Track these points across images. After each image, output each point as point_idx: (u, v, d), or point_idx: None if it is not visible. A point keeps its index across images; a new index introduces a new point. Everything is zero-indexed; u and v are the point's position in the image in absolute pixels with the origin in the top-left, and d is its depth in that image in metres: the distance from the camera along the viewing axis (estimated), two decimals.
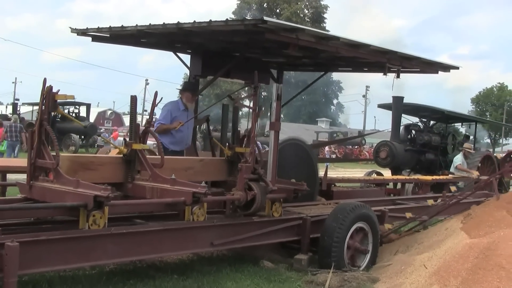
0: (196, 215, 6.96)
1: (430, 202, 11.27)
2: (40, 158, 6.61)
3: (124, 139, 7.62)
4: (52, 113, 7.45)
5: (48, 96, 6.53)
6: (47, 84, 6.54)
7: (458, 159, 17.79)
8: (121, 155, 7.47)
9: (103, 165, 7.37)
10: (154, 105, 8.03)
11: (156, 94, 8.01)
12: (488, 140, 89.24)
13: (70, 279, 6.87)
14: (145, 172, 7.41)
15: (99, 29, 8.98)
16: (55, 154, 6.51)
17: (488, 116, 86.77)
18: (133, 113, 7.65)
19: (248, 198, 7.68)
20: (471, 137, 25.07)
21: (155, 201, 7.15)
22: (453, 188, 12.62)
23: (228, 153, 8.75)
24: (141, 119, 73.67)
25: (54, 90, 6.47)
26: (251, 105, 8.08)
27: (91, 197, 5.99)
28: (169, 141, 9.82)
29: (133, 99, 7.64)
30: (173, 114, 9.88)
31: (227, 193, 7.99)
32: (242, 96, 9.17)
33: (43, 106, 6.57)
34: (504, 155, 13.32)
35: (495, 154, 24.82)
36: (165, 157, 7.64)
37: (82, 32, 9.20)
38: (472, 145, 21.52)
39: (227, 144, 8.96)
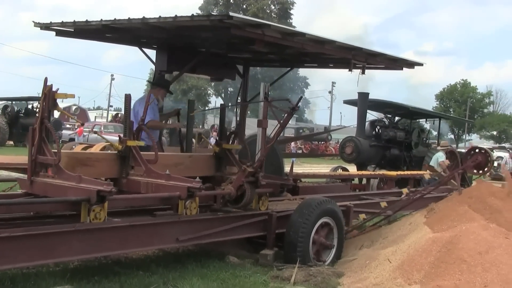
0: (189, 209, 7.24)
1: (405, 190, 11.45)
2: (40, 155, 6.83)
3: (119, 136, 7.83)
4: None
5: (49, 95, 6.79)
6: (46, 83, 6.84)
7: (441, 156, 17.91)
8: (115, 152, 7.74)
9: (99, 161, 7.63)
10: (147, 104, 8.51)
11: (149, 94, 8.74)
12: (452, 136, 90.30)
13: (34, 276, 6.79)
14: (138, 167, 7.66)
15: (63, 24, 8.87)
16: (56, 150, 6.74)
17: (451, 112, 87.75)
18: (127, 111, 7.91)
19: (238, 193, 8.05)
20: (435, 133, 25.38)
21: (152, 196, 7.40)
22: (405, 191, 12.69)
23: (216, 149, 9.01)
24: (107, 115, 73.16)
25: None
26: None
27: (94, 191, 6.24)
28: (143, 135, 9.73)
29: (127, 98, 7.91)
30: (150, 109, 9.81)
31: (218, 188, 8.35)
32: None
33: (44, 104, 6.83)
34: (466, 150, 13.55)
35: (458, 150, 25.16)
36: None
37: (46, 26, 9.06)
38: (447, 142, 21.86)
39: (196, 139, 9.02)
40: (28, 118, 36.67)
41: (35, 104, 38.99)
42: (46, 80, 6.89)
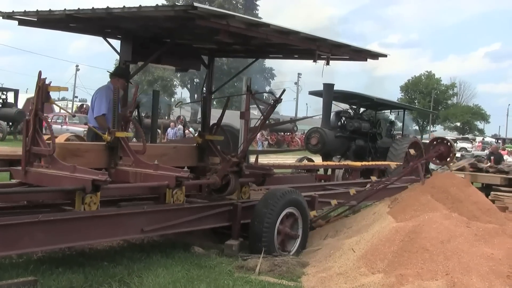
0: (176, 197, 7.54)
1: (374, 178, 11.58)
2: (35, 146, 7.11)
3: (109, 128, 8.11)
4: None
5: (42, 88, 7.10)
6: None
7: None
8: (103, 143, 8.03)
9: (88, 151, 7.97)
10: (135, 96, 8.80)
11: (137, 87, 9.05)
12: (416, 127, 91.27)
13: None
14: (126, 158, 8.01)
15: (25, 13, 8.74)
16: (50, 141, 6.99)
17: (416, 103, 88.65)
18: (115, 103, 8.17)
19: (223, 182, 8.49)
20: (400, 124, 25.61)
21: (142, 185, 7.77)
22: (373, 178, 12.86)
23: (199, 140, 9.41)
24: (72, 106, 72.35)
25: None
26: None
27: (89, 181, 6.53)
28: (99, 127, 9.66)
29: (116, 90, 8.31)
30: (110, 100, 9.73)
31: (203, 177, 8.77)
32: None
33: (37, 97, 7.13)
34: (429, 141, 13.75)
35: (422, 141, 25.45)
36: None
37: (8, 16, 8.93)
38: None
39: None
40: None
41: None
42: (40, 73, 7.17)
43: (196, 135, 10.33)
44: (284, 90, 9.70)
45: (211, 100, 11.33)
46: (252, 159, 11.38)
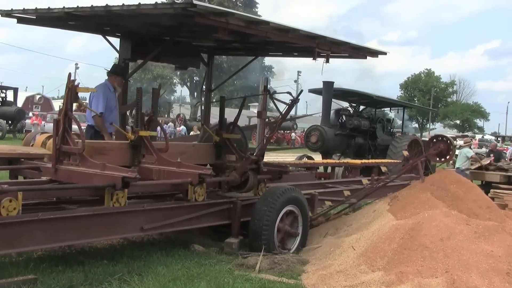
0: (197, 193, 7.82)
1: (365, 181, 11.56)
2: (64, 144, 7.32)
3: (132, 126, 8.40)
4: None
5: (72, 89, 7.29)
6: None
7: (469, 151, 18.06)
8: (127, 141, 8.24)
9: (113, 150, 8.14)
10: (158, 96, 9.06)
11: (160, 86, 9.31)
12: (416, 125, 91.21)
13: None
14: (149, 156, 8.23)
15: (24, 11, 8.74)
16: (80, 140, 7.28)
17: (416, 101, 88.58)
18: (139, 103, 8.42)
19: (242, 179, 8.77)
20: (399, 122, 25.59)
21: (166, 182, 7.96)
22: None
23: (216, 139, 9.55)
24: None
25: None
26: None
27: (119, 178, 6.75)
28: (105, 124, 9.65)
29: (139, 91, 8.52)
30: (107, 98, 9.73)
31: (222, 174, 9.01)
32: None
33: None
34: (428, 139, 13.73)
35: (422, 139, 25.45)
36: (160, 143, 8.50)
37: (7, 14, 8.93)
38: (470, 138, 22.25)
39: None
40: None
41: None
42: (70, 75, 7.49)
43: (192, 133, 10.46)
44: (301, 91, 10.05)
45: (211, 97, 11.33)
46: None
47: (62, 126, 7.32)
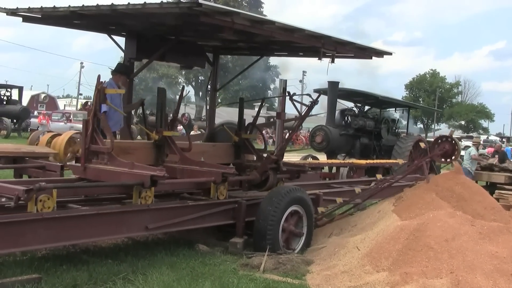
0: (220, 192, 8.13)
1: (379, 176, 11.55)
2: (93, 144, 7.62)
3: (155, 127, 8.75)
4: None
5: (101, 90, 7.54)
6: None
7: (472, 150, 18.13)
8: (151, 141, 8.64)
9: (138, 149, 8.51)
10: (181, 97, 9.58)
11: (183, 88, 9.88)
12: (421, 125, 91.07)
13: (0, 265, 6.73)
14: (172, 155, 8.63)
15: (30, 9, 8.74)
16: (109, 140, 7.55)
17: (421, 101, 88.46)
18: (162, 104, 8.77)
19: (262, 178, 9.12)
20: (404, 122, 25.53)
21: (191, 181, 8.30)
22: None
23: (236, 139, 9.95)
24: (76, 103, 72.49)
25: None
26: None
27: (148, 176, 7.00)
28: (109, 123, 9.64)
29: (161, 91, 8.91)
30: (111, 97, 9.74)
31: (242, 174, 9.34)
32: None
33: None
34: (434, 139, 13.68)
35: (427, 139, 25.39)
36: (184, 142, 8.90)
37: (12, 12, 8.94)
38: (480, 138, 22.25)
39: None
40: None
41: (3, 91, 38.36)
42: (99, 77, 7.72)
43: (192, 132, 10.59)
44: (320, 93, 10.18)
45: (216, 97, 11.33)
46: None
47: (91, 127, 7.61)
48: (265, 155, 9.80)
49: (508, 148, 31.40)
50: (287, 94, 9.69)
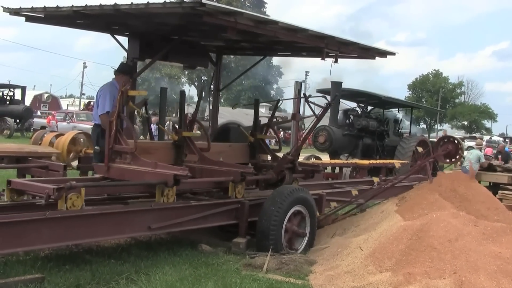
0: (237, 191, 8.36)
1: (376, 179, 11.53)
2: (117, 144, 7.82)
3: (174, 126, 9.23)
4: None
5: (125, 92, 7.80)
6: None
7: (479, 153, 17.89)
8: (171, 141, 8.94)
9: (158, 149, 8.81)
10: (200, 99, 10.22)
11: (201, 90, 9.33)
12: (424, 126, 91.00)
13: (3, 265, 6.74)
14: (191, 155, 8.96)
15: (33, 9, 8.74)
16: (133, 140, 7.86)
17: (424, 102, 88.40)
18: (182, 105, 9.18)
19: (279, 178, 9.36)
20: (407, 122, 25.48)
21: (211, 180, 8.56)
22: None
23: (251, 139, 10.21)
24: (79, 103, 72.48)
25: None
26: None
27: (171, 175, 7.23)
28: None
29: (182, 94, 9.46)
30: (114, 97, 9.74)
31: (259, 173, 9.56)
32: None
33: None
34: (437, 139, 13.64)
35: (430, 139, 25.36)
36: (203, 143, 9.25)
37: (15, 12, 8.93)
38: (483, 139, 22.19)
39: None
40: None
41: (5, 91, 38.38)
42: (124, 79, 8.21)
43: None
44: (336, 96, 10.61)
45: (219, 97, 11.33)
46: None
47: (115, 127, 7.78)
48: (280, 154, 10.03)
49: (506, 149, 31.38)
50: (302, 96, 9.86)
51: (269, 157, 10.53)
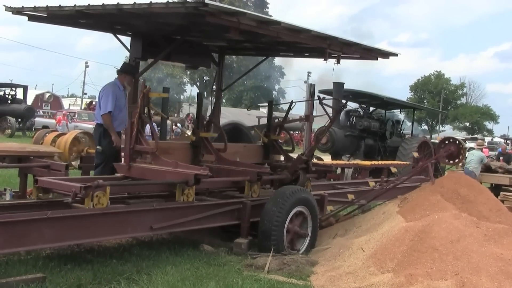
0: (253, 190, 8.63)
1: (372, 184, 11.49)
2: (138, 144, 8.11)
3: (193, 128, 9.50)
4: None
5: (146, 94, 8.03)
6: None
7: (480, 154, 17.71)
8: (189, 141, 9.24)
9: (177, 149, 9.12)
10: (217, 101, 10.47)
11: (221, 92, 10.66)
12: (426, 127, 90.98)
13: (4, 264, 6.73)
14: (207, 155, 9.28)
15: (35, 8, 8.73)
16: (154, 140, 8.22)
17: (426, 103, 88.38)
18: (199, 107, 9.56)
19: (293, 178, 9.49)
20: (409, 123, 25.46)
21: (228, 179, 8.81)
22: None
23: (265, 140, 10.50)
24: (81, 102, 72.53)
25: None
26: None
27: (192, 175, 7.44)
28: (114, 123, 9.66)
29: (200, 96, 10.05)
30: (116, 97, 9.75)
31: (274, 173, 9.68)
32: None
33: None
34: (439, 141, 13.62)
35: (432, 140, 25.34)
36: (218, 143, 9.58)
37: (18, 11, 8.92)
38: (484, 141, 22.18)
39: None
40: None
41: (7, 90, 38.40)
42: (144, 82, 8.38)
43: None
44: (350, 97, 10.99)
45: (221, 97, 11.33)
46: None
47: (136, 128, 8.04)
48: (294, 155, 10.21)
49: (499, 150, 31.40)
50: (316, 98, 10.01)
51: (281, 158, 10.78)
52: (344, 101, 9.93)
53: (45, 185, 7.36)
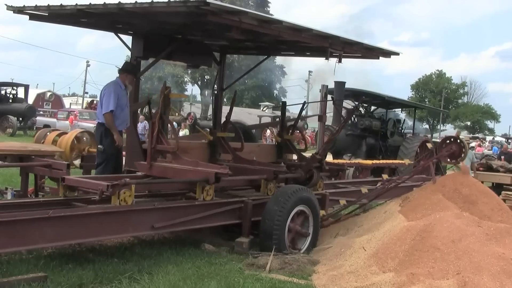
0: (269, 188, 8.84)
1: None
2: (159, 144, 8.29)
3: (210, 129, 9.93)
4: None
5: (167, 95, 8.35)
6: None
7: (471, 153, 17.59)
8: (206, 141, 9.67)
9: (195, 148, 9.51)
10: (233, 101, 10.79)
11: (235, 93, 11.16)
12: (427, 126, 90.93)
13: (6, 264, 6.73)
14: (224, 154, 9.68)
15: (36, 7, 8.74)
16: (174, 140, 8.40)
17: (427, 102, 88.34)
18: (217, 107, 10.18)
19: (307, 176, 9.65)
20: (410, 123, 25.43)
21: (246, 178, 9.08)
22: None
23: (278, 139, 10.86)
24: (82, 102, 72.58)
25: None
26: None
27: (213, 173, 7.68)
28: (116, 122, 9.66)
29: (216, 97, 10.55)
30: (118, 96, 9.74)
31: (288, 171, 9.68)
32: None
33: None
34: (440, 140, 13.58)
35: (433, 140, 25.32)
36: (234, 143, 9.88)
37: (19, 10, 8.93)
38: (469, 138, 22.11)
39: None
40: (1, 104, 36.21)
41: (8, 90, 38.42)
42: (165, 83, 8.63)
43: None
44: (363, 99, 11.41)
45: (222, 97, 11.34)
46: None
47: (157, 128, 8.22)
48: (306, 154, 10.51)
49: (495, 148, 31.37)
50: (329, 99, 10.18)
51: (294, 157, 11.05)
52: (356, 103, 10.07)
53: (72, 183, 7.51)
